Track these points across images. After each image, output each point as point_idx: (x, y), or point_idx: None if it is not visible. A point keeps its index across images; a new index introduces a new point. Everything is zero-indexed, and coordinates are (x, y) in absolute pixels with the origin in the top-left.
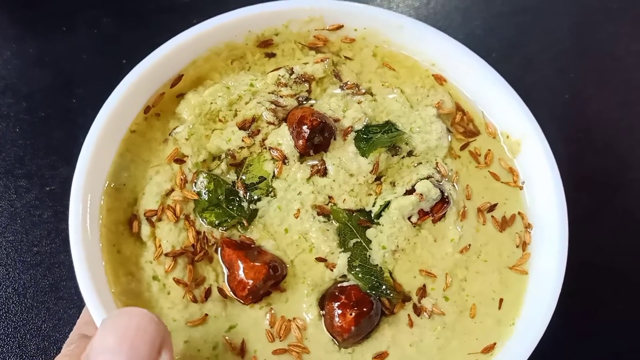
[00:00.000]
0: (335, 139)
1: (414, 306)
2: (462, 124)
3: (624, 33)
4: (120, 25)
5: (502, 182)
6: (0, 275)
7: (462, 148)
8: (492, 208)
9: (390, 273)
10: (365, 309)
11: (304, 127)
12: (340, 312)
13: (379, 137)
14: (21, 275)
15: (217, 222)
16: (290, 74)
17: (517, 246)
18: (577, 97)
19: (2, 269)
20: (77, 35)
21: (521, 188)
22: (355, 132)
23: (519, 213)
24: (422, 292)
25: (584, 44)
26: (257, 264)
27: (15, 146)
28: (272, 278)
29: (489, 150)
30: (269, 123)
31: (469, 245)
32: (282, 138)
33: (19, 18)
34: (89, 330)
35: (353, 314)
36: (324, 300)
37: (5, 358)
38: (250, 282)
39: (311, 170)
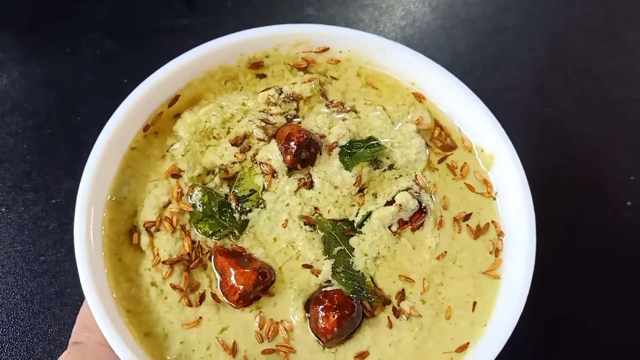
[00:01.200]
0: (321, 154)
1: (393, 309)
2: (440, 139)
3: (601, 50)
4: (121, 47)
5: (476, 193)
6: (9, 283)
7: (440, 161)
8: (467, 217)
9: (372, 278)
10: (347, 312)
11: (292, 144)
12: (324, 314)
13: (361, 151)
14: (28, 282)
15: (210, 232)
16: (280, 94)
17: (490, 252)
18: (556, 111)
19: (10, 277)
20: (80, 57)
21: (494, 198)
22: (340, 147)
23: (492, 222)
24: (401, 295)
25: (562, 61)
26: (247, 270)
27: (23, 161)
28: (261, 283)
29: (465, 163)
30: (260, 139)
31: (445, 252)
32: (272, 153)
33: (25, 40)
34: (81, 337)
35: (336, 316)
36: (310, 304)
37: None
38: (241, 287)
39: (298, 183)
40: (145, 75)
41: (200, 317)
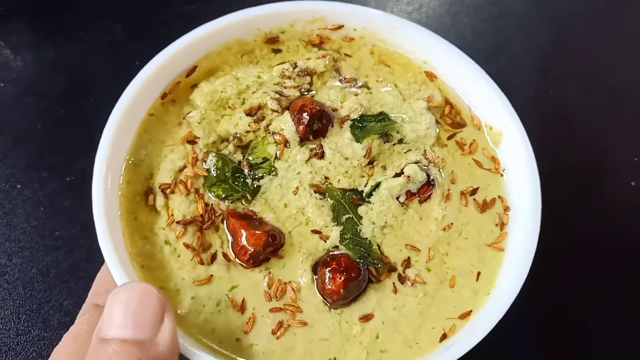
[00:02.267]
0: (332, 126)
1: (399, 275)
2: (450, 116)
3: (602, 37)
4: (131, 32)
5: (484, 169)
6: (26, 257)
7: (449, 138)
8: (474, 192)
9: (379, 246)
10: (353, 274)
11: (304, 114)
12: (330, 276)
13: (372, 125)
14: (44, 257)
15: (223, 195)
16: (294, 68)
17: (496, 225)
18: (559, 95)
19: (27, 252)
20: (92, 41)
21: (502, 175)
22: (351, 120)
23: (499, 197)
24: (407, 263)
25: (565, 47)
26: (258, 232)
27: (38, 141)
28: (271, 245)
29: (474, 140)
30: (273, 111)
31: (452, 223)
32: (285, 124)
33: (39, 25)
34: (100, 300)
35: (342, 278)
36: (317, 267)
37: (31, 331)
38: (252, 248)
39: (310, 153)
40: (153, 59)
41: (211, 275)
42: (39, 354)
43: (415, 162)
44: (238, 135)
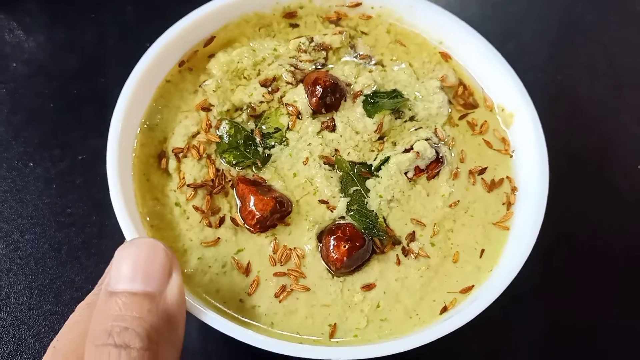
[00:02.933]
0: (345, 101)
1: (403, 248)
2: (463, 97)
3: (611, 21)
4: (143, 14)
5: (494, 150)
6: (37, 234)
7: (461, 118)
8: (482, 171)
9: (384, 219)
10: (357, 244)
11: (318, 87)
12: (335, 244)
13: (384, 101)
14: (56, 233)
15: (234, 162)
16: (310, 42)
17: (503, 204)
18: (567, 80)
19: (39, 228)
20: (103, 22)
21: (511, 156)
22: (364, 96)
23: (507, 177)
24: (411, 237)
25: (574, 32)
26: (266, 197)
27: (49, 120)
28: (278, 212)
29: (485, 121)
30: (288, 83)
31: (458, 201)
32: (298, 96)
33: (51, 6)
34: None
35: (346, 246)
36: (322, 235)
37: (43, 306)
38: (259, 213)
39: (321, 126)
40: None
41: (219, 238)
42: (50, 328)
43: (426, 139)
44: (252, 105)
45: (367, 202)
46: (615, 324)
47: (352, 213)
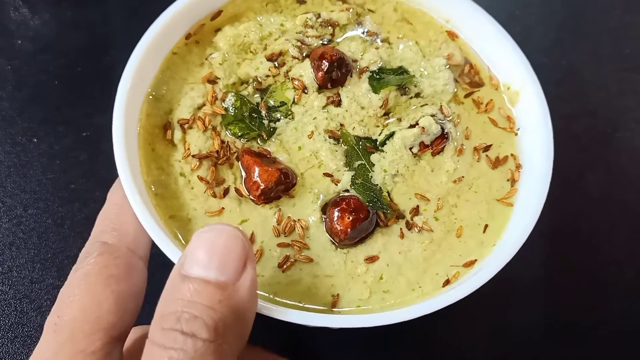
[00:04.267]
0: (351, 76)
1: (407, 222)
2: (469, 76)
3: (617, 5)
4: None
5: (499, 127)
6: (41, 208)
7: (467, 96)
8: (487, 148)
9: (389, 193)
10: (361, 216)
11: (324, 61)
12: (339, 215)
13: (390, 77)
14: (59, 208)
15: (240, 133)
16: (317, 18)
17: (507, 180)
18: (572, 64)
19: (42, 203)
20: (109, 1)
21: (516, 134)
22: (370, 72)
23: (512, 154)
24: (415, 211)
25: (580, 16)
26: (270, 169)
27: (54, 97)
28: (282, 183)
29: (491, 99)
30: (294, 57)
31: (463, 177)
32: (304, 71)
33: None
34: (107, 237)
35: (350, 218)
36: (327, 207)
37: (45, 279)
38: (264, 184)
39: (327, 100)
40: None
41: (223, 208)
42: (52, 302)
43: (431, 115)
44: (258, 78)
45: (371, 176)
46: (617, 306)
47: (356, 186)
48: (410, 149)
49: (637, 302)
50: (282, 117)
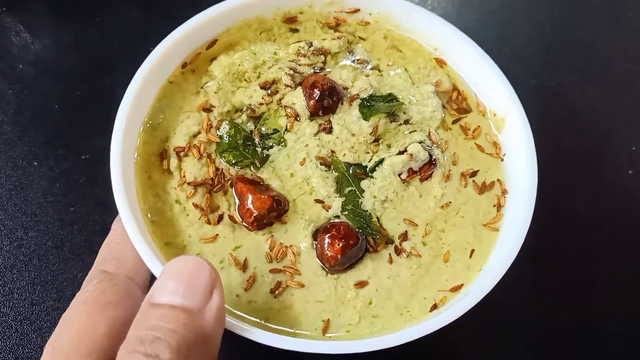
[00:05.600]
0: (342, 104)
1: (395, 247)
2: (457, 102)
3: (604, 27)
4: (147, 17)
5: (486, 153)
6: (41, 231)
7: (454, 122)
8: (474, 174)
9: (378, 219)
10: (351, 242)
11: (316, 90)
12: (330, 241)
13: (380, 105)
14: (59, 231)
15: (234, 161)
16: (310, 47)
17: (493, 206)
18: (561, 84)
19: (42, 226)
20: (109, 25)
21: (502, 159)
22: (361, 99)
23: (498, 180)
24: (404, 236)
25: (568, 37)
26: (263, 196)
27: (54, 120)
28: (275, 210)
29: (478, 126)
30: (287, 85)
31: (450, 202)
32: (297, 99)
33: (58, 9)
34: (107, 266)
35: (341, 244)
36: (318, 233)
37: (45, 301)
38: (257, 211)
39: (319, 127)
40: None
41: (217, 234)
42: (52, 324)
43: (419, 142)
44: (252, 106)
45: (361, 202)
46: (605, 323)
47: (346, 212)
48: (399, 175)
49: (626, 320)
50: (274, 145)
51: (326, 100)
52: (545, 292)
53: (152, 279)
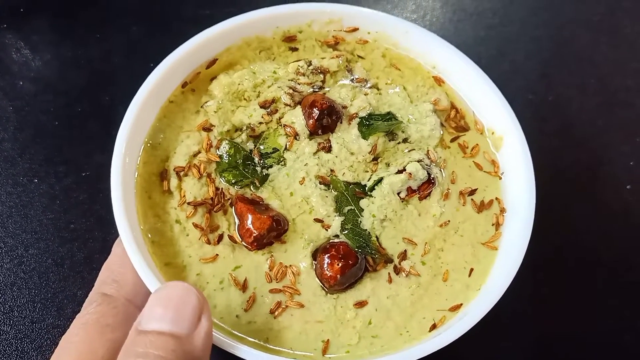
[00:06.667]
0: (341, 123)
1: (394, 267)
2: (455, 120)
3: (602, 42)
4: (147, 33)
5: (484, 172)
6: (41, 248)
7: (452, 140)
8: (472, 192)
9: (377, 238)
10: (351, 262)
11: (315, 109)
12: (329, 262)
13: (379, 123)
14: (59, 248)
15: (233, 180)
16: (309, 66)
17: (492, 225)
18: (559, 99)
19: (42, 243)
20: (109, 42)
21: (500, 178)
22: (360, 118)
23: (497, 198)
24: (403, 255)
25: (566, 52)
26: (263, 216)
27: (55, 137)
28: (274, 230)
29: (477, 144)
30: (286, 105)
31: (449, 221)
32: (296, 118)
33: (57, 25)
34: (107, 289)
35: (340, 264)
36: (317, 253)
37: (45, 319)
38: (257, 231)
39: (318, 147)
40: None
41: (217, 255)
42: (52, 342)
43: (418, 161)
44: (251, 125)
45: (360, 221)
46: (604, 338)
47: (346, 232)
48: (398, 194)
49: (625, 332)
50: (274, 164)
51: (325, 119)
52: (544, 307)
53: None
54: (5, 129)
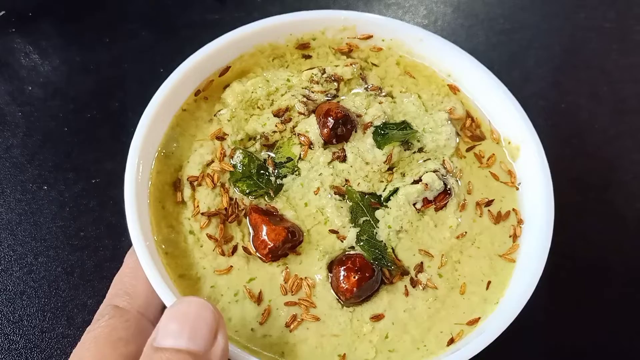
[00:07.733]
0: (356, 132)
1: (411, 279)
2: (470, 129)
3: (613, 49)
4: (155, 38)
5: (500, 182)
6: (51, 257)
7: (468, 150)
8: (489, 203)
9: (393, 249)
10: (367, 274)
11: (329, 118)
12: (345, 274)
13: (394, 133)
14: (69, 256)
15: (247, 191)
16: (322, 74)
17: (510, 236)
18: (570, 106)
19: (52, 251)
20: (117, 46)
21: (517, 188)
22: (374, 127)
23: (514, 209)
24: (420, 268)
25: (577, 59)
26: (278, 227)
27: (64, 143)
28: (289, 241)
29: (493, 154)
30: (300, 113)
31: (465, 232)
32: (310, 127)
33: (66, 30)
34: (119, 301)
35: (356, 277)
36: (333, 265)
37: (55, 329)
38: (271, 242)
39: (332, 156)
40: (178, 65)
41: (231, 266)
42: (62, 352)
43: (434, 171)
44: (265, 134)
45: (376, 233)
46: (621, 348)
47: (361, 243)
48: (414, 204)
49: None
50: (288, 174)
51: (340, 129)
52: (561, 318)
53: None
54: (14, 135)
